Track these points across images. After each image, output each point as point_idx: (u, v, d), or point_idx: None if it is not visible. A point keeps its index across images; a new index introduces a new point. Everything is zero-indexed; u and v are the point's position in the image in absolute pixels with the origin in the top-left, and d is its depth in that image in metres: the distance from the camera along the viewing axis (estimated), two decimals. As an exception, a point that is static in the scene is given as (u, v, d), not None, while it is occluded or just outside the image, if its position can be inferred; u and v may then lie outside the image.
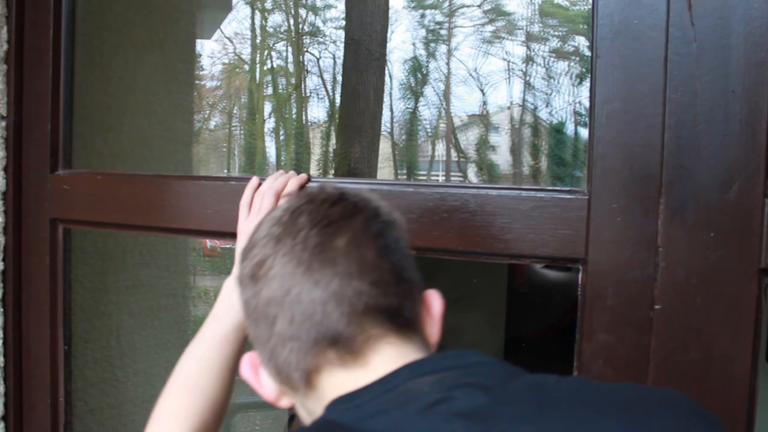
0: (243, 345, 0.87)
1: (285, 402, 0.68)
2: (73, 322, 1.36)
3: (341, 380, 0.61)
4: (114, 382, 1.71)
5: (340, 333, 0.60)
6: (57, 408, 1.28)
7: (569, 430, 0.53)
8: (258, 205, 0.96)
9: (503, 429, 0.53)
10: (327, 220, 0.62)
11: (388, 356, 0.61)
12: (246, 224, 0.96)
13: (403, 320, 0.62)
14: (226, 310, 0.90)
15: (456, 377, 0.58)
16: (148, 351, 1.85)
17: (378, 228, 0.63)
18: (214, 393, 0.85)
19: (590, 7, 0.91)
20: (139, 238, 1.85)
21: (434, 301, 0.67)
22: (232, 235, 1.09)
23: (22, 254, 1.29)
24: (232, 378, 0.87)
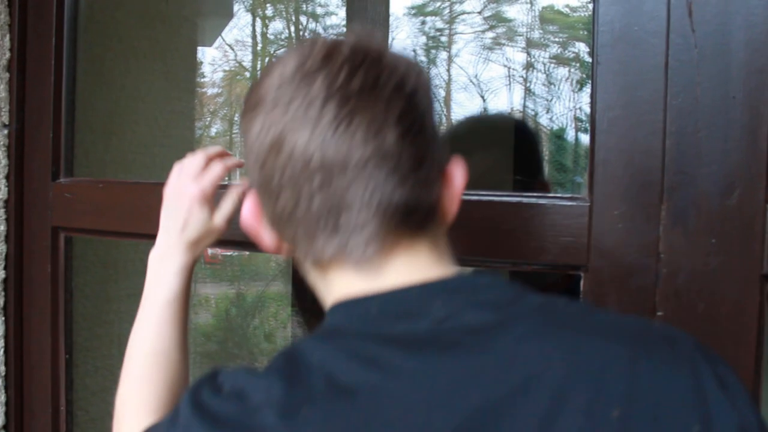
0: (187, 306, 0.85)
1: (287, 251, 0.66)
2: (74, 330, 1.36)
3: (351, 281, 0.59)
4: (115, 390, 1.71)
5: (351, 238, 0.57)
6: (58, 417, 1.28)
7: (575, 349, 0.52)
8: (182, 177, 0.86)
9: (509, 344, 0.53)
10: (344, 93, 0.56)
11: (401, 265, 0.59)
12: (175, 196, 0.86)
13: (419, 216, 0.59)
14: (157, 284, 0.85)
15: (465, 296, 0.57)
16: (150, 359, 1.84)
17: (402, 107, 0.57)
18: (177, 362, 0.82)
19: (591, 13, 0.92)
20: (140, 246, 1.84)
21: (456, 174, 0.63)
22: (234, 243, 1.09)
23: (23, 262, 1.30)
24: (186, 342, 0.84)
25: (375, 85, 0.57)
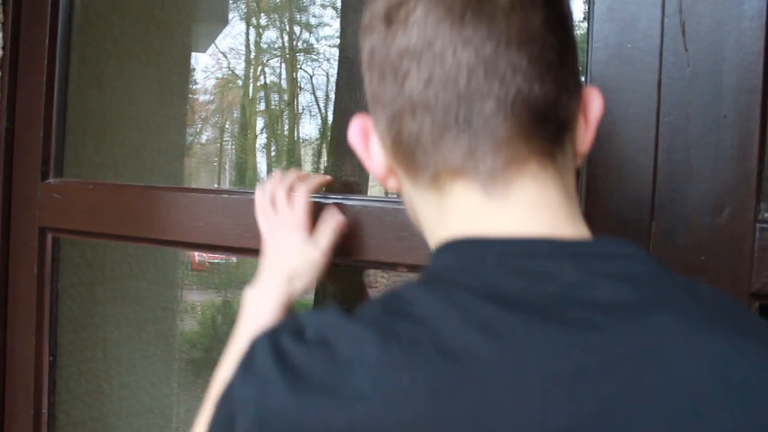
0: None
1: (392, 183, 0.58)
2: (59, 332, 1.34)
3: (475, 204, 0.51)
4: (99, 394, 1.69)
5: (480, 139, 0.49)
6: (40, 420, 1.27)
7: (728, 358, 0.44)
8: (273, 211, 0.88)
9: (651, 334, 0.44)
10: None
11: (531, 192, 0.50)
12: (272, 234, 0.87)
13: (555, 125, 0.51)
14: (252, 319, 0.81)
15: (602, 265, 0.48)
16: (134, 364, 1.83)
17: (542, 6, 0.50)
18: None
19: (585, 31, 0.92)
20: (128, 249, 1.83)
21: (594, 101, 0.55)
22: (224, 248, 1.09)
23: (9, 262, 1.28)
24: None
25: None
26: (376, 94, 0.54)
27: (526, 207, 0.51)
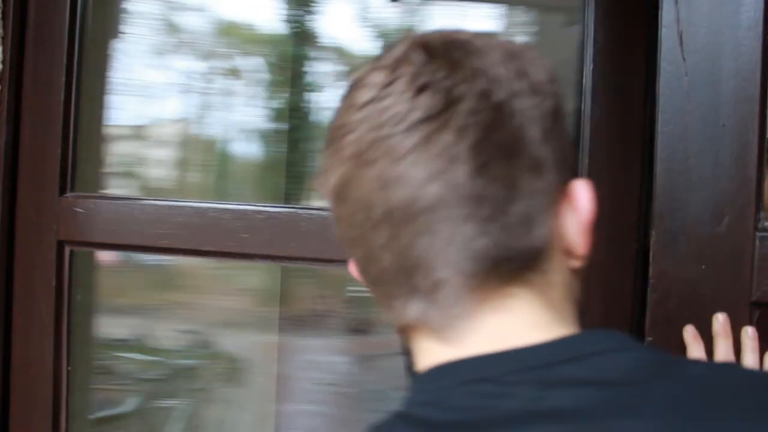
0: None
1: None
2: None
3: (432, 349, 0.48)
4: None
5: (428, 302, 0.46)
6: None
7: None
8: None
9: None
10: (409, 124, 0.44)
11: (492, 326, 0.47)
12: None
13: (514, 265, 0.46)
14: None
15: (563, 371, 0.44)
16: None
17: (483, 126, 0.44)
18: None
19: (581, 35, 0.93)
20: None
21: (581, 199, 0.49)
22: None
23: (17, 276, 1.29)
24: None
25: (448, 104, 0.44)
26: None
27: (491, 334, 0.47)
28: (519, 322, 0.47)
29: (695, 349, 0.78)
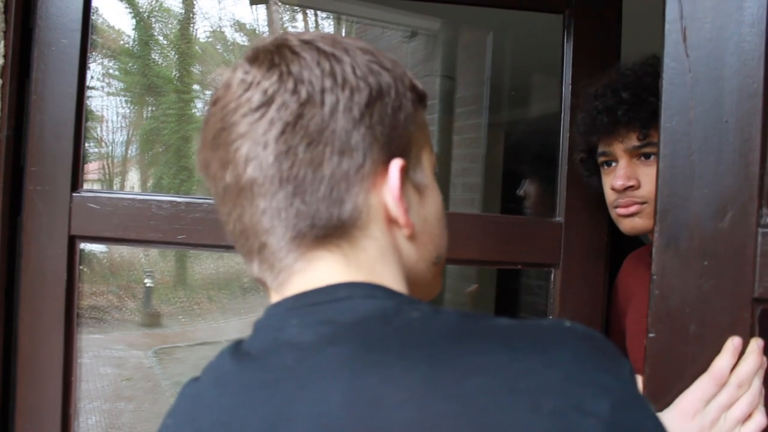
0: None
1: None
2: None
3: (271, 296, 0.61)
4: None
5: (258, 263, 0.59)
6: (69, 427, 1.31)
7: (362, 386, 0.49)
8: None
9: (302, 375, 0.51)
10: (237, 117, 0.57)
11: (301, 282, 0.58)
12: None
13: (325, 231, 0.56)
14: None
15: (317, 310, 0.55)
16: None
17: (289, 117, 0.55)
18: None
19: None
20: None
21: (392, 176, 0.58)
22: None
23: (20, 271, 1.31)
24: None
25: (265, 101, 0.56)
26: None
27: (297, 290, 0.58)
28: (322, 277, 0.57)
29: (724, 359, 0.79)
